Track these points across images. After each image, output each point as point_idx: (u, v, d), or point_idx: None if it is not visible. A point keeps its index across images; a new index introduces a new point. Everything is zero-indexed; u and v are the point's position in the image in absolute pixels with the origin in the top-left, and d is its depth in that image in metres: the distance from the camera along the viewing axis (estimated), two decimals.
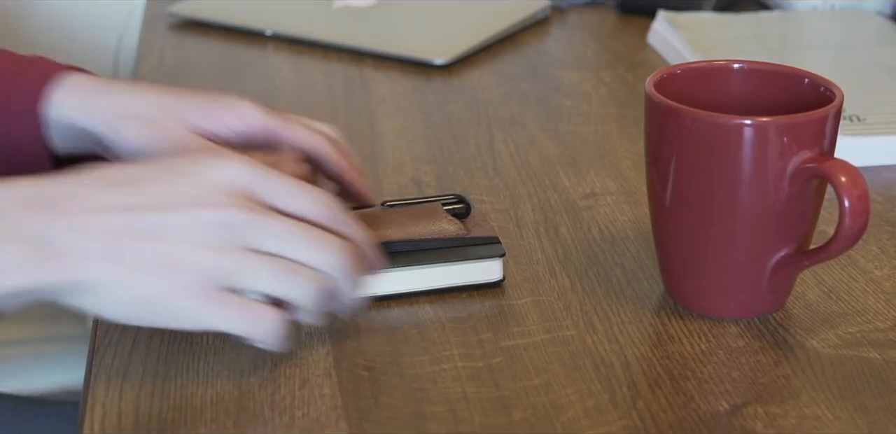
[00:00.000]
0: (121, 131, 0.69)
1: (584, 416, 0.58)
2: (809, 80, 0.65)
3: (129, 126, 0.69)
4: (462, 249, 0.68)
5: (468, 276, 0.68)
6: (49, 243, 0.55)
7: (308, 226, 0.58)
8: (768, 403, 0.59)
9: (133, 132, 0.69)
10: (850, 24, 1.11)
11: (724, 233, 0.63)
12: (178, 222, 0.56)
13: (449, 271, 0.68)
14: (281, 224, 0.57)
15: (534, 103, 0.98)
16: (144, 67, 1.07)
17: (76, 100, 0.70)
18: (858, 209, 0.59)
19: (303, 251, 0.57)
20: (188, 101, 0.70)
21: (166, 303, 0.56)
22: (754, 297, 0.65)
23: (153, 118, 0.69)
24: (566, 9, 1.22)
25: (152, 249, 0.56)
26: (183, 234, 0.56)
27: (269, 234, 0.57)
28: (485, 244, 0.69)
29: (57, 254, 0.55)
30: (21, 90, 0.70)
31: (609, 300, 0.68)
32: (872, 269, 0.71)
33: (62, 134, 0.71)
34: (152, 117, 0.69)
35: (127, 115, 0.69)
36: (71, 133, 0.71)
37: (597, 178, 0.84)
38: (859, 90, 0.91)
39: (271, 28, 1.14)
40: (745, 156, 0.61)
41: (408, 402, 0.60)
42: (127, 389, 0.61)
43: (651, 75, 0.65)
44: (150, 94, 0.71)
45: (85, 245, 0.55)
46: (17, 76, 0.71)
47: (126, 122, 0.69)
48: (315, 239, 0.58)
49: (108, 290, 0.56)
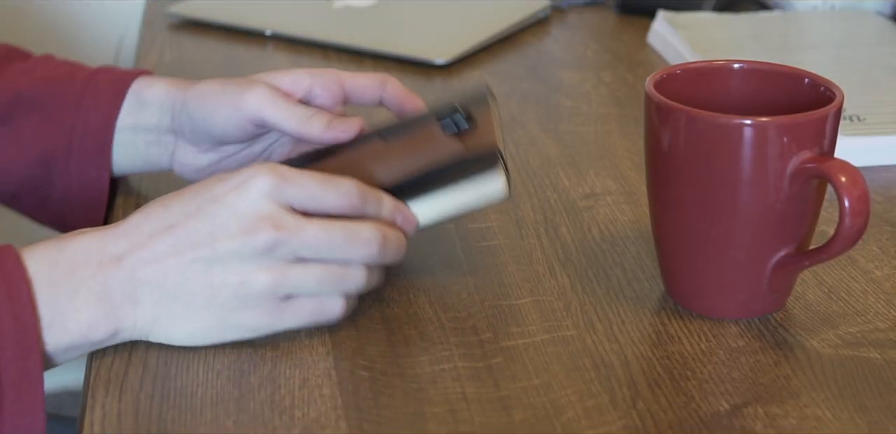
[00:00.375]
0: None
1: (584, 417, 0.58)
2: (809, 80, 0.65)
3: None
4: (462, 171, 0.66)
5: (474, 197, 0.66)
6: (111, 296, 0.61)
7: (334, 228, 0.62)
8: (768, 403, 0.59)
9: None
10: (849, 23, 1.11)
11: (724, 233, 0.63)
12: (222, 255, 0.61)
13: (452, 198, 0.66)
14: (310, 235, 0.61)
15: (534, 103, 0.98)
16: (144, 67, 1.07)
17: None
18: (858, 209, 0.59)
19: (337, 254, 0.62)
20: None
21: (238, 324, 0.62)
22: (754, 297, 0.65)
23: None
24: (566, 9, 1.22)
25: (206, 283, 0.61)
26: (230, 263, 0.61)
27: (303, 247, 0.61)
28: (484, 160, 0.66)
29: (119, 306, 0.61)
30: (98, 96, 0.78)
31: (609, 300, 0.68)
32: (873, 269, 0.71)
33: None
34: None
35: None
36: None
37: (597, 178, 0.84)
38: (859, 90, 0.91)
39: (271, 28, 1.14)
40: (745, 156, 0.61)
41: (407, 403, 0.59)
42: (127, 389, 0.61)
43: (651, 75, 0.65)
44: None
45: (144, 292, 0.61)
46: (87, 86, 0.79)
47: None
48: (344, 240, 0.62)
49: (171, 327, 0.62)
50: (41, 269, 0.60)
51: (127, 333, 0.62)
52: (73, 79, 0.80)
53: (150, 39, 1.14)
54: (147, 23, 1.19)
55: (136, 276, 0.61)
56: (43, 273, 0.60)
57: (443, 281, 0.70)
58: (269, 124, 0.72)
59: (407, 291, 0.69)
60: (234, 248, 0.60)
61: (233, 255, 0.61)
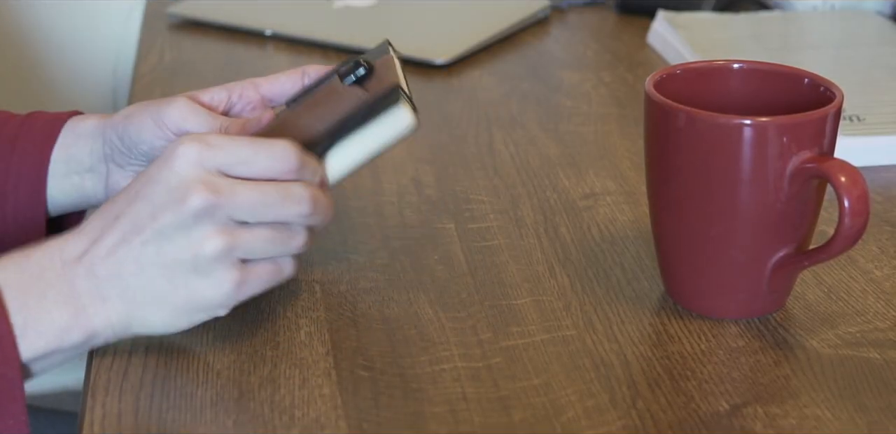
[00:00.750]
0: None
1: (584, 417, 0.58)
2: (809, 80, 0.65)
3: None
4: (368, 113, 0.66)
5: (385, 133, 0.66)
6: (78, 296, 0.60)
7: (268, 186, 0.61)
8: (768, 403, 0.59)
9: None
10: (849, 23, 1.11)
11: (723, 233, 0.63)
12: (166, 231, 0.60)
13: (366, 139, 0.66)
14: (244, 195, 0.60)
15: (534, 103, 0.98)
16: (144, 68, 1.07)
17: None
18: (858, 209, 0.59)
19: (273, 214, 0.61)
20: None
21: (206, 299, 0.61)
22: (754, 297, 0.65)
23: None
24: (566, 9, 1.22)
25: (161, 264, 0.60)
26: (176, 238, 0.60)
27: (239, 208, 0.60)
28: (385, 97, 0.66)
29: (88, 305, 0.60)
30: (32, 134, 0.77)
31: (609, 300, 0.68)
32: (872, 269, 0.71)
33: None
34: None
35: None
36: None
37: (597, 178, 0.84)
38: (859, 90, 0.91)
39: (271, 28, 1.14)
40: (745, 156, 0.61)
41: (407, 403, 0.59)
42: (127, 389, 0.61)
43: (651, 75, 0.65)
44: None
45: (107, 288, 0.60)
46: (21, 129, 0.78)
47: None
48: (278, 198, 0.61)
49: (145, 316, 0.61)
50: (10, 277, 0.60)
51: (108, 332, 0.61)
52: (5, 124, 0.79)
53: (149, 40, 1.14)
54: (147, 23, 1.19)
55: (95, 272, 0.60)
56: (12, 280, 0.60)
57: (443, 281, 0.70)
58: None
59: (407, 291, 0.69)
60: (173, 220, 0.60)
61: (175, 228, 0.60)
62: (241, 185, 0.60)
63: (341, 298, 0.69)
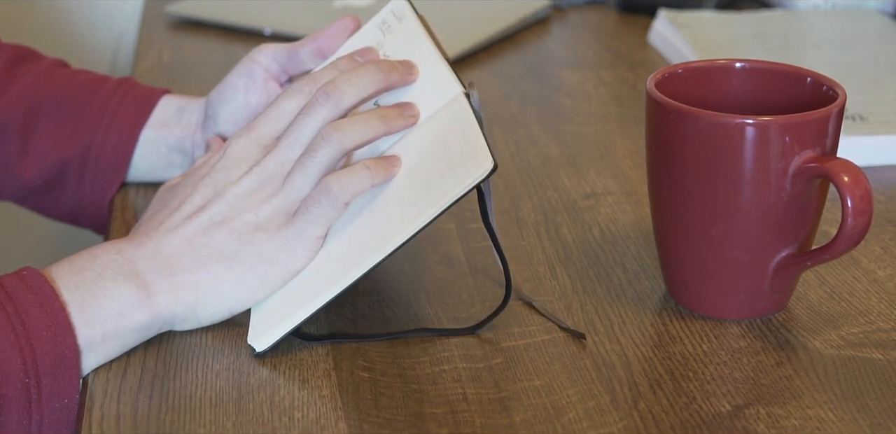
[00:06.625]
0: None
1: (585, 418, 0.58)
2: (811, 80, 0.65)
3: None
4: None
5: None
6: (139, 274, 0.62)
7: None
8: (770, 404, 0.59)
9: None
10: (851, 22, 1.11)
11: (725, 233, 0.63)
12: (230, 201, 0.64)
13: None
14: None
15: (534, 103, 0.97)
16: (143, 67, 1.07)
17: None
18: (861, 209, 0.59)
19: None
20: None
21: (272, 256, 0.64)
22: (756, 298, 0.65)
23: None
24: (566, 8, 1.22)
25: (230, 229, 0.63)
26: (240, 206, 0.64)
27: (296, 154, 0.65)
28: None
29: (151, 282, 0.62)
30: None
31: (610, 300, 0.68)
32: (875, 269, 0.71)
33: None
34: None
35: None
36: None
37: (597, 177, 0.83)
38: (862, 89, 0.91)
39: (270, 27, 1.14)
40: (747, 155, 0.61)
41: (408, 404, 0.59)
42: (126, 390, 0.60)
43: (652, 74, 0.65)
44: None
45: (175, 263, 0.63)
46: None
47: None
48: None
49: (218, 286, 0.63)
50: (62, 267, 0.62)
51: (168, 310, 0.62)
52: (96, 91, 0.80)
53: (148, 39, 1.14)
54: (145, 22, 1.19)
55: (161, 251, 0.63)
56: (64, 267, 0.62)
57: (443, 281, 0.70)
58: (291, 59, 0.75)
59: (407, 291, 0.69)
60: (237, 191, 0.64)
61: (237, 197, 0.64)
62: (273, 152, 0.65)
63: (341, 299, 0.68)
